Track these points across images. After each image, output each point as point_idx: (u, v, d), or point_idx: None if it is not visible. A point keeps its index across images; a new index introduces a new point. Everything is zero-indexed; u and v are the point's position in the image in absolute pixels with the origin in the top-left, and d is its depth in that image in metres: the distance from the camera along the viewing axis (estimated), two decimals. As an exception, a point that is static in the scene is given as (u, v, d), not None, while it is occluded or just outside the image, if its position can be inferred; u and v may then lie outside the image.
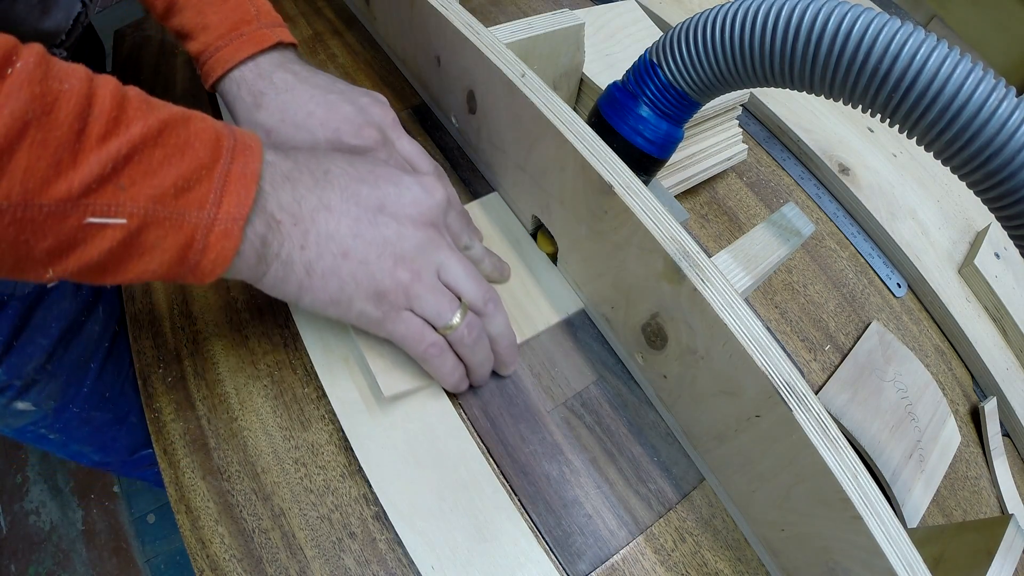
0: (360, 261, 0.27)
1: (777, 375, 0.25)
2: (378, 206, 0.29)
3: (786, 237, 0.34)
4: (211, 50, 0.34)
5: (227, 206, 0.23)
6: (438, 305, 0.29)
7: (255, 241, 0.25)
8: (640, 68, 0.35)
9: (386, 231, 0.28)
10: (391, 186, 0.30)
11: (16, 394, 0.44)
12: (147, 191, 0.21)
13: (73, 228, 0.20)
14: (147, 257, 0.22)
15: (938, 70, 0.24)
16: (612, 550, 0.32)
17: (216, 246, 0.23)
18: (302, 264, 0.26)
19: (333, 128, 0.33)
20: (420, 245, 0.29)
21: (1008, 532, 0.30)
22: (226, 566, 0.29)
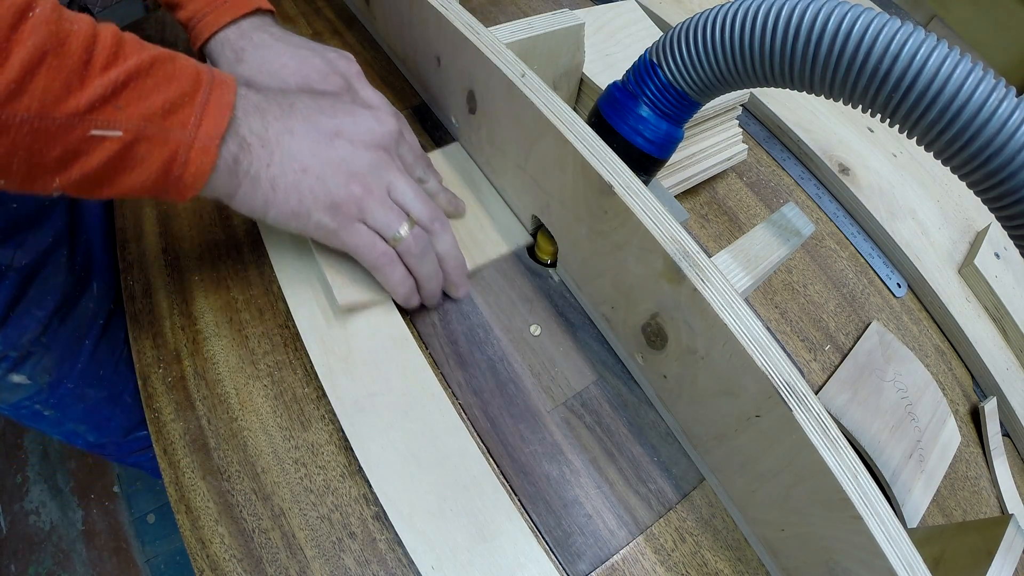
0: (317, 176, 0.31)
1: (777, 375, 0.25)
2: (335, 131, 0.32)
3: (786, 237, 0.34)
4: (199, 16, 0.38)
5: (205, 127, 0.27)
6: (387, 217, 0.33)
7: (228, 159, 0.28)
8: (640, 68, 0.35)
9: (341, 151, 0.32)
10: (347, 116, 0.34)
11: (12, 366, 0.45)
12: (139, 111, 0.25)
13: (78, 139, 0.24)
14: (137, 169, 0.26)
15: (938, 70, 0.24)
16: (612, 550, 0.32)
17: (196, 160, 0.27)
18: (267, 180, 0.30)
19: (303, 75, 0.38)
20: (371, 164, 0.33)
21: (1008, 532, 0.30)
22: (226, 566, 0.29)
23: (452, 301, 0.39)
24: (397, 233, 0.33)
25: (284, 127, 0.31)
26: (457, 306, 0.39)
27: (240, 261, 0.40)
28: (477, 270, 0.40)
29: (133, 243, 0.41)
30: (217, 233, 0.42)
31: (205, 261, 0.40)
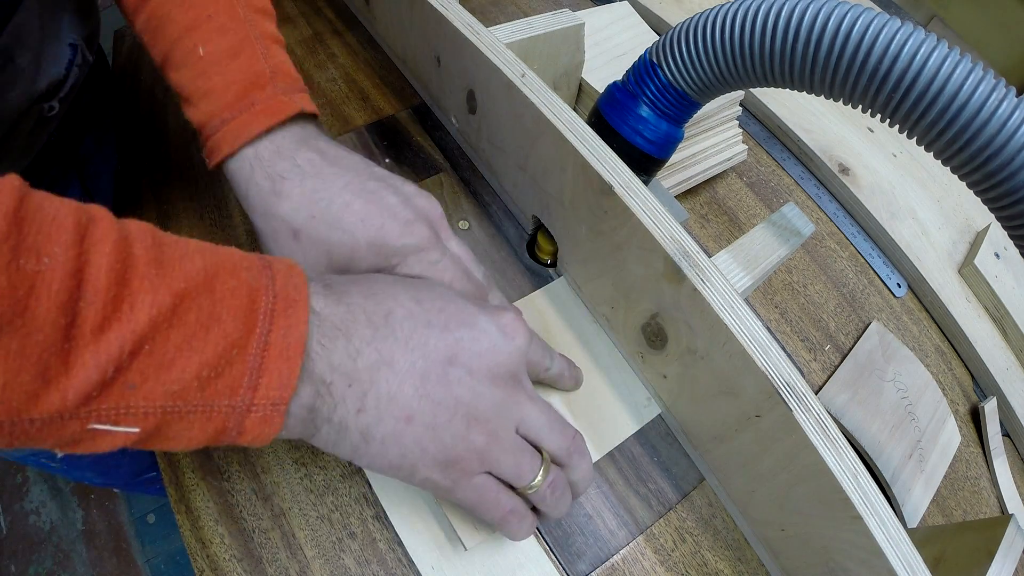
0: (427, 426, 0.23)
1: (777, 375, 0.25)
2: (449, 357, 0.24)
3: (786, 237, 0.34)
4: (216, 122, 0.28)
5: (265, 389, 0.19)
6: (518, 466, 0.25)
7: (301, 413, 0.21)
8: (640, 68, 0.35)
9: (459, 389, 0.24)
10: (465, 329, 0.25)
11: None
12: (163, 387, 0.17)
13: (76, 432, 0.17)
14: (172, 443, 0.19)
15: (938, 70, 0.24)
16: (612, 550, 0.32)
17: (253, 431, 0.20)
18: (358, 430, 0.23)
19: (377, 226, 0.27)
20: (498, 403, 0.25)
21: (1008, 532, 0.30)
22: (226, 566, 0.29)
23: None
24: (531, 483, 0.25)
25: (379, 356, 0.23)
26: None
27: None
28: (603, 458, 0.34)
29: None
30: (217, 234, 0.42)
31: (205, 261, 0.40)
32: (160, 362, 0.17)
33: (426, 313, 0.25)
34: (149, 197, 0.43)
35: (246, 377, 0.19)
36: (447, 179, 0.45)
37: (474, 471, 0.25)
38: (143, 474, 0.59)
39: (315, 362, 0.21)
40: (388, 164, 0.46)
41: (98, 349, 0.16)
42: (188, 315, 0.18)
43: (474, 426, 0.24)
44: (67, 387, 0.15)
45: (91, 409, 0.16)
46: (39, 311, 0.15)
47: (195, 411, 0.18)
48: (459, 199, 0.44)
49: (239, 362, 0.18)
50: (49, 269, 0.15)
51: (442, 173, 0.46)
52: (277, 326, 0.19)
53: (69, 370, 0.15)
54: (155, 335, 0.17)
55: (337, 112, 0.49)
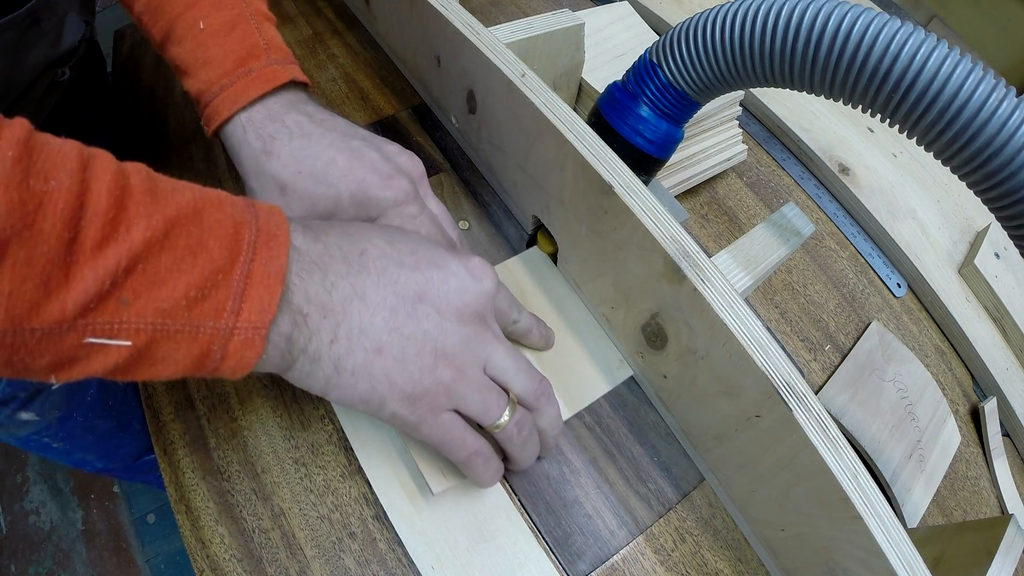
0: (396, 359, 0.24)
1: (777, 375, 0.25)
2: (419, 294, 0.25)
3: (786, 237, 0.34)
4: (214, 89, 0.30)
5: (247, 313, 0.20)
6: (485, 403, 0.26)
7: (279, 341, 0.22)
8: (640, 68, 0.35)
9: (426, 324, 0.25)
10: (434, 270, 0.26)
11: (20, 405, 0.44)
12: (154, 304, 0.18)
13: (72, 347, 0.18)
14: (159, 366, 0.20)
15: (938, 70, 0.24)
16: (612, 550, 0.32)
17: (236, 355, 0.21)
18: (330, 360, 0.24)
19: (358, 179, 0.29)
20: (465, 339, 0.26)
21: (1008, 532, 0.30)
22: (226, 566, 0.29)
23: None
24: (497, 421, 0.26)
25: (352, 290, 0.24)
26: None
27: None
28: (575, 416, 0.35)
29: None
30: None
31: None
32: (152, 281, 0.18)
33: (398, 254, 0.26)
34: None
35: (230, 301, 0.20)
36: (447, 179, 0.45)
37: (441, 407, 0.25)
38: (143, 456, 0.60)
39: (293, 293, 0.22)
40: (388, 164, 0.46)
41: (96, 264, 0.17)
42: (178, 240, 0.19)
43: (441, 361, 0.25)
44: (67, 298, 0.17)
45: (87, 322, 0.17)
46: (45, 226, 0.16)
47: (182, 331, 0.19)
48: (459, 199, 0.44)
49: (224, 286, 0.20)
50: (55, 190, 0.16)
51: (442, 173, 0.46)
52: (259, 256, 0.21)
53: (69, 282, 0.17)
54: (148, 256, 0.18)
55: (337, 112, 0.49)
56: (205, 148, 0.46)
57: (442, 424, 0.26)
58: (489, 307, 0.28)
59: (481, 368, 0.27)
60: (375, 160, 0.30)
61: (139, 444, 0.58)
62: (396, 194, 0.30)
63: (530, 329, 0.33)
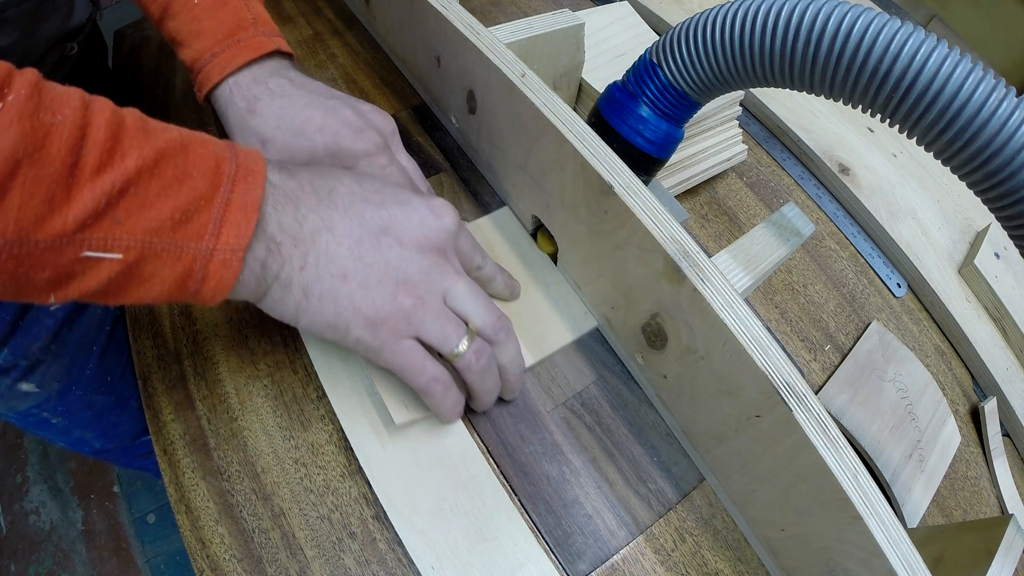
0: (359, 284, 0.26)
1: (777, 375, 0.25)
2: (382, 227, 0.27)
3: (786, 237, 0.34)
4: (206, 57, 0.33)
5: (226, 236, 0.22)
6: (444, 330, 0.28)
7: (255, 266, 0.24)
8: (640, 68, 0.35)
9: (389, 254, 0.27)
10: (398, 207, 0.28)
11: (21, 375, 0.45)
12: (143, 224, 0.21)
13: (70, 261, 0.20)
14: (146, 285, 0.22)
15: (938, 70, 0.24)
16: (612, 550, 0.32)
17: (216, 275, 0.23)
18: (300, 286, 0.26)
19: (332, 132, 0.32)
20: (425, 269, 0.28)
21: (1008, 532, 0.30)
22: (226, 566, 0.29)
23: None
24: (456, 349, 0.28)
25: (321, 222, 0.26)
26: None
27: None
28: (541, 363, 0.36)
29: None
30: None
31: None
32: (142, 203, 0.21)
33: (365, 192, 0.28)
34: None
35: (210, 225, 0.22)
36: (447, 179, 0.45)
37: (402, 333, 0.27)
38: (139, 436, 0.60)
39: (268, 222, 0.24)
40: (388, 164, 0.46)
41: (94, 186, 0.19)
42: (166, 169, 0.21)
43: (402, 288, 0.27)
44: (68, 214, 0.19)
45: (85, 237, 0.20)
46: (52, 151, 0.19)
47: (168, 250, 0.21)
48: (459, 199, 0.44)
49: (205, 211, 0.22)
50: (61, 123, 0.19)
51: (442, 173, 0.46)
52: (238, 188, 0.23)
53: (70, 200, 0.19)
54: (139, 181, 0.21)
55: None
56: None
57: (403, 349, 0.27)
58: (449, 243, 0.30)
59: (441, 298, 0.28)
60: (348, 116, 0.33)
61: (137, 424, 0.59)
62: (367, 146, 0.33)
63: (494, 276, 0.35)
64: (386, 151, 0.33)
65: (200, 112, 0.49)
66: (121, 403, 0.55)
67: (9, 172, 0.18)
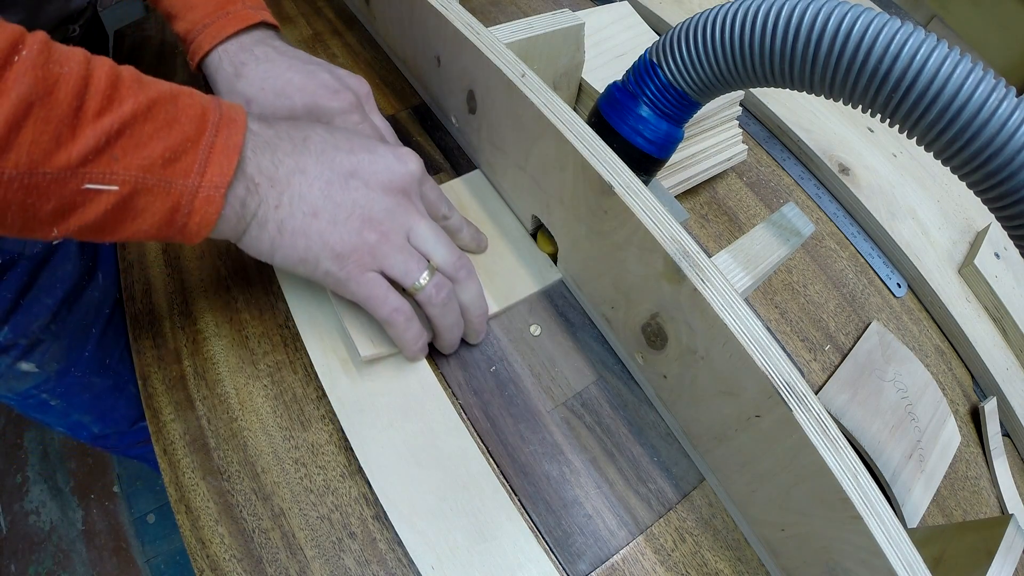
0: (328, 221, 0.29)
1: (777, 375, 0.25)
2: (351, 171, 0.30)
3: (786, 237, 0.34)
4: (198, 28, 0.36)
5: (210, 175, 0.25)
6: (406, 264, 0.30)
7: (235, 204, 0.27)
8: (640, 68, 0.35)
9: (356, 194, 0.30)
10: (366, 153, 0.31)
11: (21, 354, 0.45)
12: (137, 161, 0.23)
13: (72, 193, 0.22)
14: (139, 219, 0.24)
15: (938, 70, 0.24)
16: (612, 550, 0.32)
17: (200, 210, 0.25)
18: (275, 222, 0.28)
19: (311, 92, 0.35)
20: (389, 209, 0.31)
21: (1008, 532, 0.30)
22: (226, 566, 0.29)
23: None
24: (417, 282, 0.30)
25: (295, 165, 0.29)
26: (457, 306, 0.38)
27: (240, 261, 0.40)
28: (505, 311, 0.38)
29: (133, 243, 0.41)
30: (217, 233, 0.42)
31: (205, 261, 0.40)
32: (136, 143, 0.23)
33: (336, 141, 0.31)
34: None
35: (196, 164, 0.25)
36: (447, 179, 0.45)
37: (366, 265, 0.30)
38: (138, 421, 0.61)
39: (247, 164, 0.27)
40: (388, 164, 0.46)
41: (96, 126, 0.22)
42: (158, 115, 0.24)
43: (367, 225, 0.30)
44: (72, 150, 0.22)
45: (86, 171, 0.22)
46: (60, 95, 0.21)
47: (158, 186, 0.24)
48: (459, 199, 0.44)
49: (192, 152, 0.25)
50: (68, 73, 0.22)
51: (442, 173, 0.46)
52: (221, 133, 0.26)
53: (75, 138, 0.22)
54: (134, 123, 0.23)
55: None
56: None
57: (367, 281, 0.30)
58: (414, 187, 0.32)
59: (404, 235, 0.31)
60: (326, 79, 0.36)
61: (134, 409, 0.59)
62: (342, 104, 0.36)
63: (461, 228, 0.37)
64: (359, 109, 0.37)
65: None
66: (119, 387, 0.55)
67: (23, 113, 0.20)
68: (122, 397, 0.57)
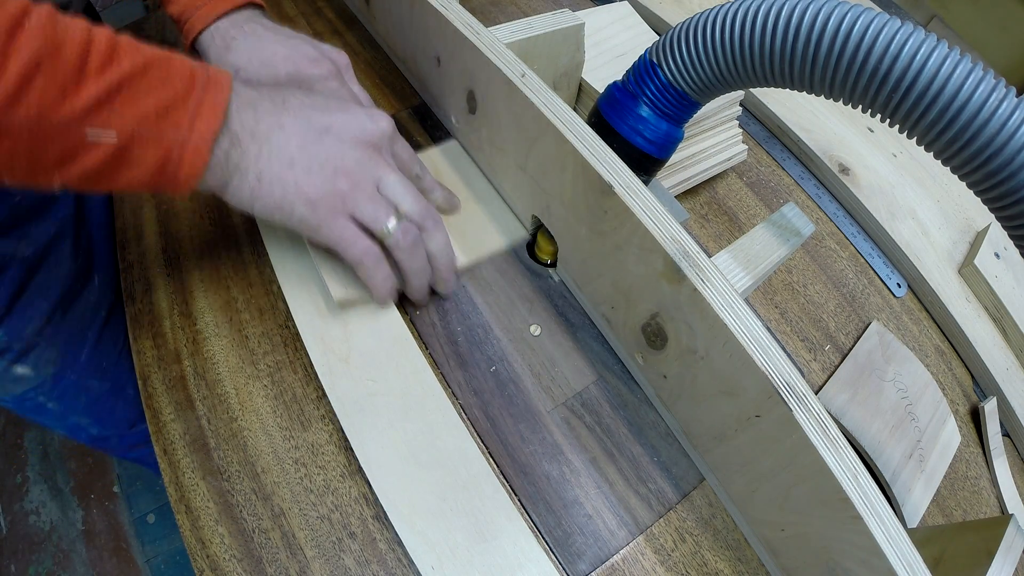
0: (303, 171, 0.31)
1: (777, 375, 0.25)
2: (325, 127, 0.32)
3: (786, 237, 0.34)
4: (190, 10, 0.39)
5: (199, 128, 0.27)
6: (375, 211, 0.32)
7: (220, 156, 0.29)
8: (640, 68, 0.35)
9: (330, 147, 0.32)
10: (340, 112, 0.33)
11: (16, 357, 0.45)
12: (134, 113, 0.25)
13: (75, 141, 0.24)
14: (134, 168, 0.26)
15: (938, 70, 0.24)
16: (612, 550, 0.32)
17: (189, 160, 0.27)
18: (255, 173, 0.30)
19: (293, 61, 0.38)
20: (360, 160, 0.33)
21: (1008, 532, 0.30)
22: (226, 566, 0.29)
23: (452, 301, 0.39)
24: (385, 227, 0.33)
25: (275, 122, 0.31)
26: (457, 306, 0.38)
27: (240, 261, 0.40)
28: (474, 265, 0.40)
29: (133, 243, 0.41)
30: (217, 233, 0.42)
31: (205, 261, 0.40)
32: (134, 98, 0.26)
33: (313, 102, 0.33)
34: (148, 197, 0.43)
35: (186, 119, 0.27)
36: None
37: (338, 211, 0.32)
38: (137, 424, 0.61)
39: (232, 120, 0.29)
40: (388, 164, 0.46)
41: (98, 80, 0.24)
42: (153, 74, 0.26)
43: (340, 175, 0.32)
44: (76, 101, 0.24)
45: (88, 121, 0.24)
46: (67, 52, 0.24)
47: (152, 137, 0.26)
48: (459, 199, 0.44)
49: (182, 108, 0.27)
50: (72, 34, 0.24)
51: (442, 172, 0.46)
52: (208, 92, 0.28)
53: (79, 91, 0.24)
54: (132, 80, 0.25)
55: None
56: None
57: (339, 226, 0.32)
58: (385, 143, 0.35)
59: (374, 185, 0.33)
60: (308, 50, 0.39)
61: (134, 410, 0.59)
62: (322, 71, 0.39)
63: (433, 188, 0.39)
64: (338, 77, 0.40)
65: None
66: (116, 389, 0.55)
67: (34, 69, 0.23)
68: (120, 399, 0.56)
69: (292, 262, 0.38)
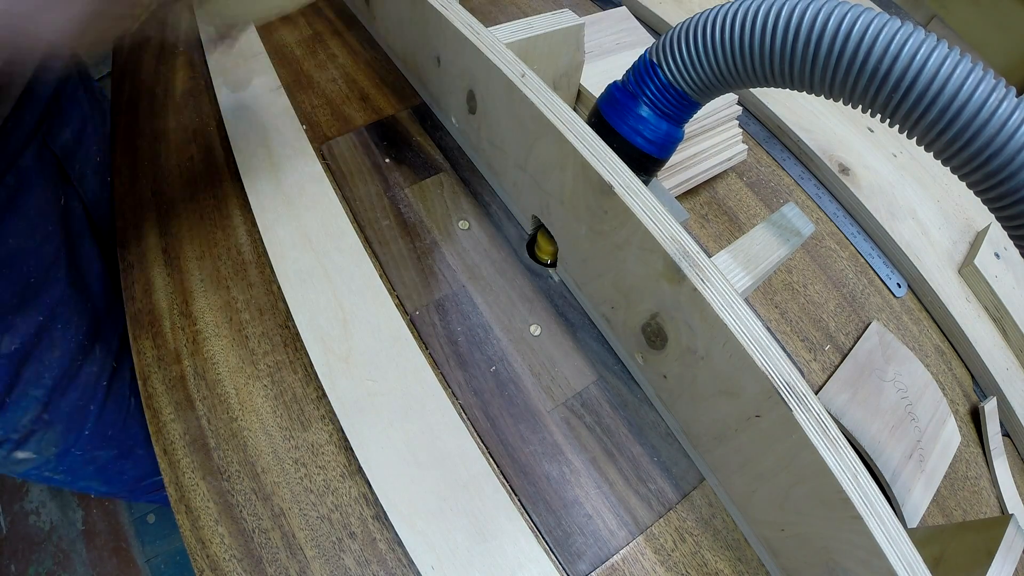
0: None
1: (777, 375, 0.25)
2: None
3: (786, 237, 0.34)
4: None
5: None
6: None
7: None
8: (640, 68, 0.35)
9: None
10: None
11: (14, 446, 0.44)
12: None
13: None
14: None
15: (938, 70, 0.24)
16: (612, 550, 0.32)
17: None
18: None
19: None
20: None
21: (1008, 532, 0.30)
22: (226, 566, 0.29)
23: (452, 301, 0.39)
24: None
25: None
26: (457, 306, 0.39)
27: (240, 261, 0.40)
28: None
29: (133, 243, 0.41)
30: (217, 233, 0.42)
31: (205, 261, 0.40)
32: None
33: None
34: (149, 198, 0.43)
35: None
36: (447, 179, 0.45)
37: None
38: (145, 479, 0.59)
39: None
40: (388, 164, 0.46)
41: None
42: None
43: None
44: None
45: None
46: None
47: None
48: (459, 199, 0.44)
49: None
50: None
51: (442, 173, 0.46)
52: None
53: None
54: None
55: (337, 112, 0.49)
56: (205, 148, 0.46)
57: None
58: None
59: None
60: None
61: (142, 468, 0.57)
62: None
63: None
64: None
65: (200, 112, 0.49)
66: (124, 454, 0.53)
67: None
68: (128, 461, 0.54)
69: (292, 262, 0.38)
